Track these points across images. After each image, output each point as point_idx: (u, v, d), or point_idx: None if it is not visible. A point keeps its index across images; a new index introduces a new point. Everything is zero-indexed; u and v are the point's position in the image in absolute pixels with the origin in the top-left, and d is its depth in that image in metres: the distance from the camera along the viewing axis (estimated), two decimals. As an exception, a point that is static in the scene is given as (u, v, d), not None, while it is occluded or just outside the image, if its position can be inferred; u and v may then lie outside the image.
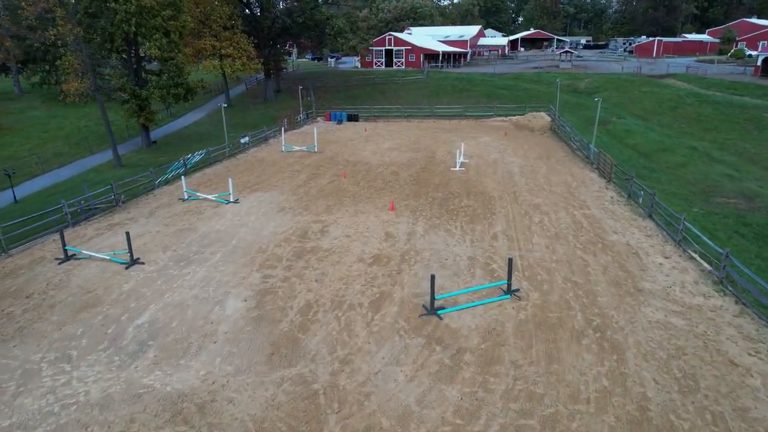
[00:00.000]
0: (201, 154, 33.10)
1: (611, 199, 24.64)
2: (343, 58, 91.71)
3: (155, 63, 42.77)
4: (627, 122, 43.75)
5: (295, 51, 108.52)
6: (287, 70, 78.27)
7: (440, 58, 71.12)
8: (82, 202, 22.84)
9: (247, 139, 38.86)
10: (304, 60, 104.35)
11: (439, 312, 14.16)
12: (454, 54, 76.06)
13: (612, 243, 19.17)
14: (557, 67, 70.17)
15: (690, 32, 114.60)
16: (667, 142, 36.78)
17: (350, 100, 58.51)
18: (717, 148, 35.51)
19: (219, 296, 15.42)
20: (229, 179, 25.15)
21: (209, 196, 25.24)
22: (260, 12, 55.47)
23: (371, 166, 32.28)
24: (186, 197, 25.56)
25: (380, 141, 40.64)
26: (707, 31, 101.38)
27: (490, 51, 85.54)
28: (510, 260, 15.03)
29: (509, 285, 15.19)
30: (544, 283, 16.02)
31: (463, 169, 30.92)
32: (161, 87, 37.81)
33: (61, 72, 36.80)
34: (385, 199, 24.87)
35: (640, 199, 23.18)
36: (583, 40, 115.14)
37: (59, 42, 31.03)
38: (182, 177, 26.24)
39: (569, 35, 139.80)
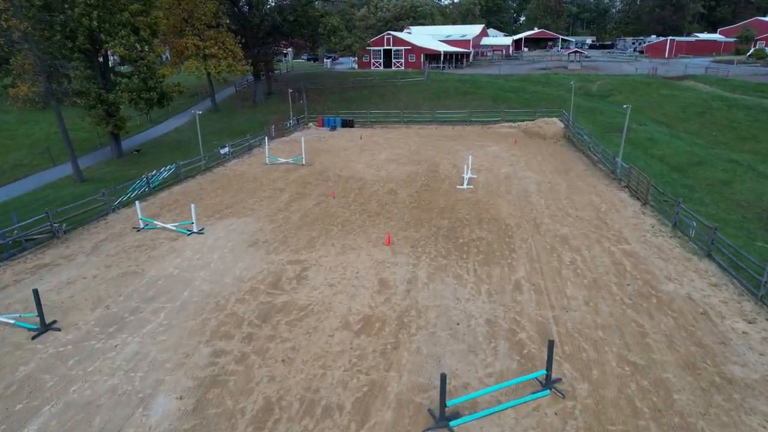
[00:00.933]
0: (169, 169, 28.73)
1: (652, 228, 20.28)
2: (340, 59, 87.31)
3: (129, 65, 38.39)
4: (649, 129, 39.40)
5: (290, 51, 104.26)
6: (281, 72, 73.92)
7: (442, 58, 66.80)
8: (8, 234, 18.46)
9: (227, 149, 34.49)
10: (300, 60, 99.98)
11: (451, 424, 9.83)
12: (456, 54, 71.74)
13: (669, 296, 14.82)
14: (565, 68, 65.83)
15: (696, 32, 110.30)
16: (701, 154, 32.40)
17: (346, 103, 54.16)
18: (761, 161, 31.13)
19: (146, 389, 11.06)
20: (192, 206, 20.74)
21: (168, 226, 20.88)
22: (248, 9, 51.08)
23: (365, 182, 27.94)
24: (141, 226, 21.19)
25: (377, 151, 36.28)
26: (718, 30, 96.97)
27: (493, 51, 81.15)
28: (551, 345, 10.67)
29: (548, 376, 10.85)
30: (593, 365, 11.68)
31: (471, 187, 26.57)
32: (131, 90, 33.45)
33: (13, 74, 32.42)
34: (379, 229, 20.53)
35: (692, 231, 18.81)
36: (588, 40, 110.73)
37: (1, 40, 26.63)
38: (137, 202, 21.80)
39: (572, 35, 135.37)
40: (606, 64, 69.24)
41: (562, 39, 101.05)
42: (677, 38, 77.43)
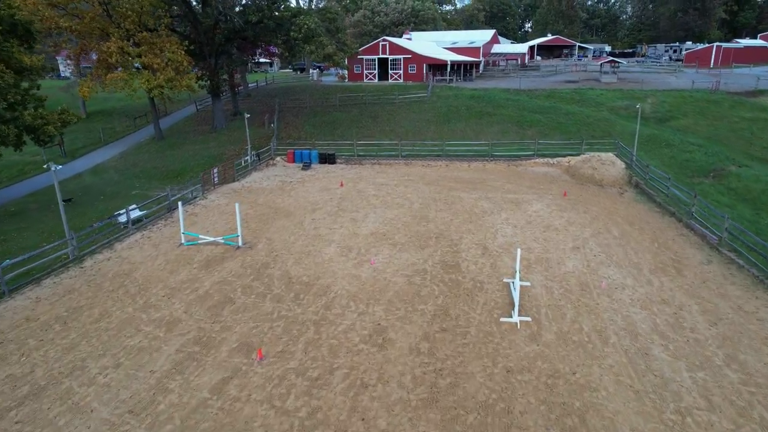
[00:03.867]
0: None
1: None
2: (331, 69, 74.64)
3: None
4: (757, 173, 26.74)
5: (276, 61, 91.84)
6: (258, 84, 61.40)
7: (448, 69, 54.29)
8: None
9: (132, 214, 21.79)
10: (286, 71, 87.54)
11: None
12: (465, 64, 59.30)
13: None
14: (597, 80, 53.27)
15: (717, 38, 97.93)
16: None
17: (329, 127, 41.59)
18: None
19: None
20: None
21: None
22: (201, 7, 38.50)
23: (332, 300, 15.24)
24: None
25: (362, 212, 23.62)
26: (759, 36, 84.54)
27: (507, 60, 68.58)
28: None
29: None
30: None
31: (526, 319, 13.88)
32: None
33: None
34: None
35: None
36: (607, 48, 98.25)
37: None
38: None
39: (582, 42, 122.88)
40: (644, 76, 56.65)
41: (579, 46, 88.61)
42: (724, 44, 64.97)
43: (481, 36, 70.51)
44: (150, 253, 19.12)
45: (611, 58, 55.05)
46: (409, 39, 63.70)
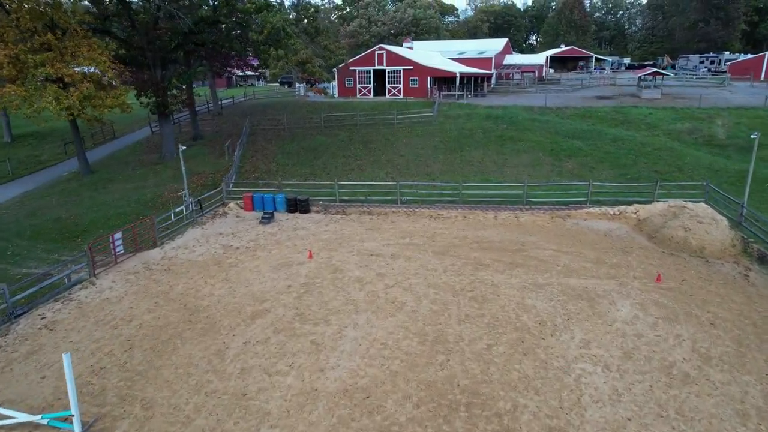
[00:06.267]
0: None
1: None
2: (325, 83, 65.24)
3: None
4: None
5: (265, 74, 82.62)
6: (234, 100, 51.88)
7: (457, 83, 44.76)
8: None
9: None
10: (274, 85, 78.22)
11: None
12: (476, 77, 49.88)
13: None
14: (637, 96, 43.74)
15: (737, 50, 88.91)
16: None
17: (308, 156, 31.93)
18: None
19: None
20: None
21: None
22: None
23: None
24: None
25: (331, 329, 13.66)
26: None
27: (522, 72, 59.16)
28: None
29: None
30: None
31: None
32: None
33: None
34: None
35: None
36: (626, 60, 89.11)
37: None
38: None
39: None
40: (688, 90, 47.17)
41: (596, 58, 79.44)
42: (775, 54, 55.61)
43: (492, 45, 61.11)
44: None
45: (655, 69, 45.48)
46: (410, 48, 54.30)
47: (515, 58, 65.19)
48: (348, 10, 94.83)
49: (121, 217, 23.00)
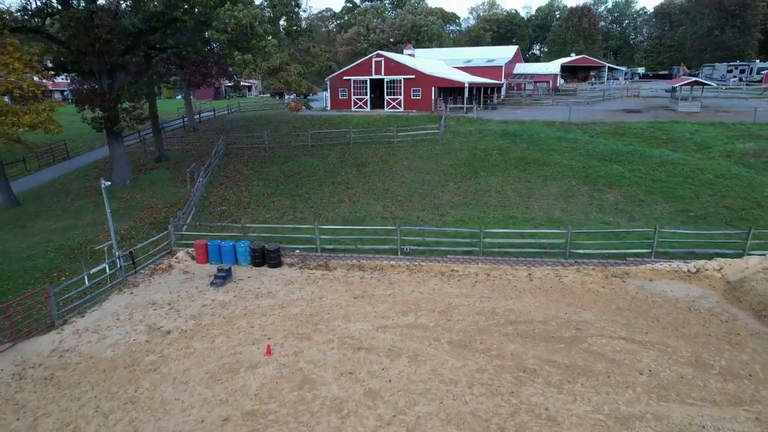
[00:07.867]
0: None
1: None
2: (318, 94, 59.48)
3: None
4: None
5: (257, 84, 77.08)
6: (216, 114, 46.11)
7: (466, 94, 38.92)
8: None
9: None
10: (265, 96, 72.58)
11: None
12: (485, 87, 44.11)
13: None
14: (671, 109, 37.95)
15: (753, 58, 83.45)
16: None
17: (290, 182, 26.00)
18: None
19: None
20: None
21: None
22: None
23: None
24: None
25: None
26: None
27: (535, 83, 53.43)
28: None
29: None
30: None
31: None
32: None
33: None
34: None
35: None
36: (640, 70, 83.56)
37: None
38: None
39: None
40: (726, 102, 41.42)
41: (609, 67, 73.82)
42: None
43: (501, 53, 55.37)
44: None
45: (694, 79, 39.67)
46: (412, 56, 48.60)
47: (527, 68, 59.56)
48: (346, 18, 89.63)
49: (26, 275, 16.99)
